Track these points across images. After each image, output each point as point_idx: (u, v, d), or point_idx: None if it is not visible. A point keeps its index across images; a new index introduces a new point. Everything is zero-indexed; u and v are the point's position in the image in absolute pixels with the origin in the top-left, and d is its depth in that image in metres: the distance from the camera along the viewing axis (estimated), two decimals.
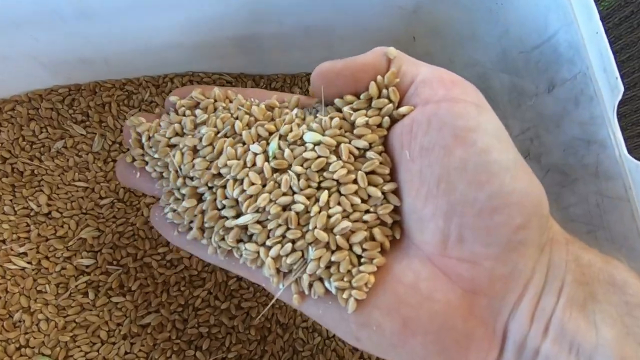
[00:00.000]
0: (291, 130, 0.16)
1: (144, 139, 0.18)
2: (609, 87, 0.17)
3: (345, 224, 0.15)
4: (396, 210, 0.16)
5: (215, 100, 0.18)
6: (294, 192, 0.15)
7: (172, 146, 0.17)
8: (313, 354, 0.27)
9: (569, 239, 0.15)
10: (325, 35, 0.28)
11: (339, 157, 0.15)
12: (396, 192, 0.15)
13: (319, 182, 0.15)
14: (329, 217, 0.15)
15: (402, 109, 0.15)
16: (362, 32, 0.28)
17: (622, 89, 0.16)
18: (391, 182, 0.15)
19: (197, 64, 0.29)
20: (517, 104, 0.23)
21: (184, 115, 0.18)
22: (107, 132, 0.28)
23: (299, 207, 0.15)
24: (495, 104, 0.26)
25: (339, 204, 0.15)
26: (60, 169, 0.27)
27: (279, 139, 0.16)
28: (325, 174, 0.15)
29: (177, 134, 0.17)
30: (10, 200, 0.26)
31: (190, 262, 0.27)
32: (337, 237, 0.15)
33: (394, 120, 0.16)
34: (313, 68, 0.16)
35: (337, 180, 0.15)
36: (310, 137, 0.16)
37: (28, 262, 0.25)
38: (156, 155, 0.17)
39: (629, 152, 0.17)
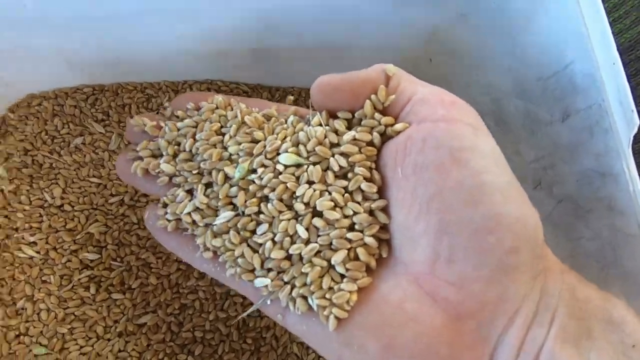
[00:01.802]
0: (273, 145, 0.16)
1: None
2: (624, 120, 0.16)
3: (312, 246, 0.15)
4: (385, 228, 0.15)
5: (217, 107, 0.18)
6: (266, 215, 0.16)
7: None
8: None
9: (564, 268, 0.14)
10: (342, 52, 0.28)
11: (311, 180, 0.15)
12: (385, 209, 0.15)
13: (290, 205, 0.15)
14: (293, 242, 0.15)
15: (397, 126, 0.15)
16: (379, 51, 0.28)
17: (637, 122, 0.16)
18: (380, 200, 0.15)
19: (215, 72, 0.30)
20: (531, 131, 0.23)
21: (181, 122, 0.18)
22: (125, 132, 0.29)
23: (266, 236, 0.15)
24: (509, 129, 0.25)
25: (312, 224, 0.15)
26: (77, 164, 0.28)
27: (258, 155, 0.16)
28: (297, 197, 0.15)
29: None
30: (27, 191, 0.27)
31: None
32: (314, 258, 0.15)
33: (388, 137, 0.16)
34: None
35: (307, 203, 0.15)
36: (284, 158, 0.16)
37: (37, 252, 0.26)
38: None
39: None
